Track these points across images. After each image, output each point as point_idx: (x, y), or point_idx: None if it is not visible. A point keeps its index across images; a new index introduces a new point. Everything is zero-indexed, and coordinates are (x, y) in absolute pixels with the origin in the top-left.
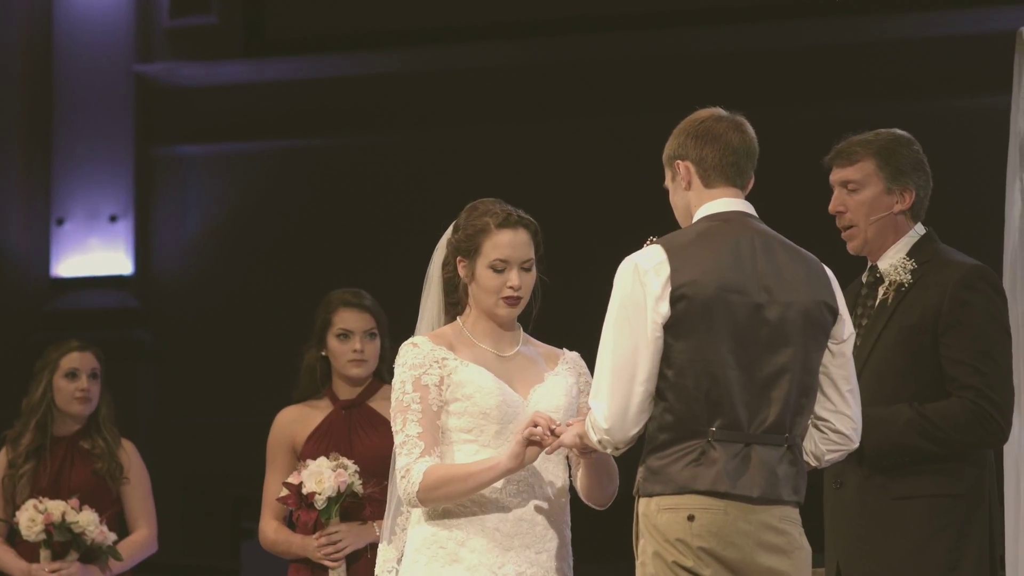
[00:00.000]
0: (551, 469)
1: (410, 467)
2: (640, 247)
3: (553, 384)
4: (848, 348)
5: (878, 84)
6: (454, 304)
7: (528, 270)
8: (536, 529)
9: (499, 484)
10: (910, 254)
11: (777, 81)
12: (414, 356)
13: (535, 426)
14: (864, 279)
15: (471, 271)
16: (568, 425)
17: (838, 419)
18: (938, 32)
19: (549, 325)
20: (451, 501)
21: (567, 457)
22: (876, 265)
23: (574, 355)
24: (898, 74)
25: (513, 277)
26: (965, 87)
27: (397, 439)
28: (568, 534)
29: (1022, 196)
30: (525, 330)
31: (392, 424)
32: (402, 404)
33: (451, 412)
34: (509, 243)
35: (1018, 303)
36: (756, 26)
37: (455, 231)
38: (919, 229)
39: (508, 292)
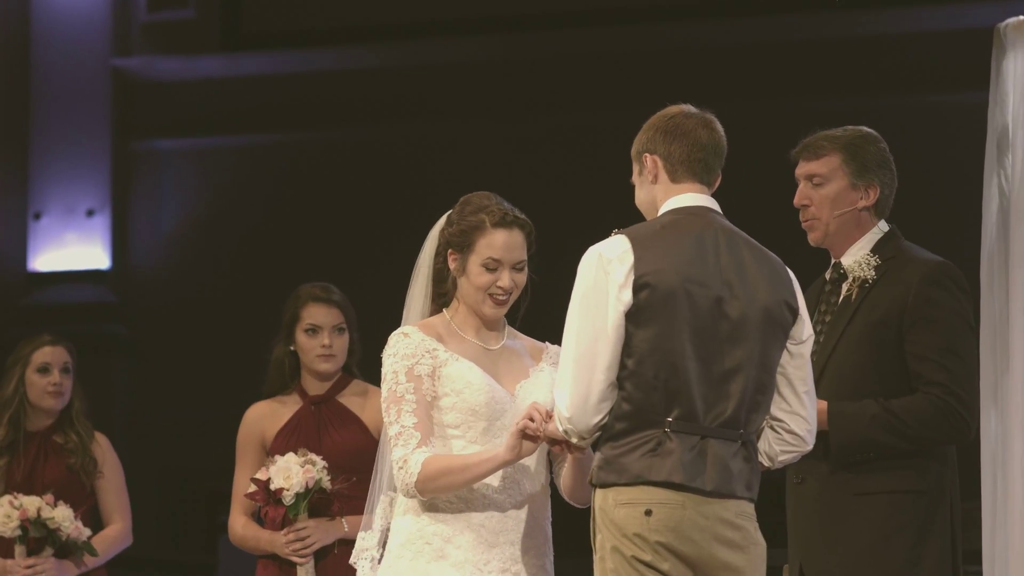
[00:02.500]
0: (535, 466)
1: (407, 457)
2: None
3: (537, 380)
4: (807, 349)
5: (857, 79)
6: (442, 295)
7: (520, 270)
8: (521, 526)
9: (487, 480)
10: (874, 250)
11: (756, 76)
12: (406, 346)
13: (531, 419)
14: (827, 276)
15: (462, 266)
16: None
17: (793, 420)
18: (917, 28)
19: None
20: (449, 492)
21: (548, 454)
22: (839, 262)
23: (557, 349)
24: (877, 69)
25: (504, 278)
26: (943, 82)
27: (392, 430)
28: (549, 531)
29: (999, 192)
30: (513, 325)
31: (385, 415)
32: (395, 395)
33: (441, 407)
34: (504, 244)
35: (995, 298)
36: (735, 21)
37: (448, 224)
38: (883, 226)
39: (497, 291)
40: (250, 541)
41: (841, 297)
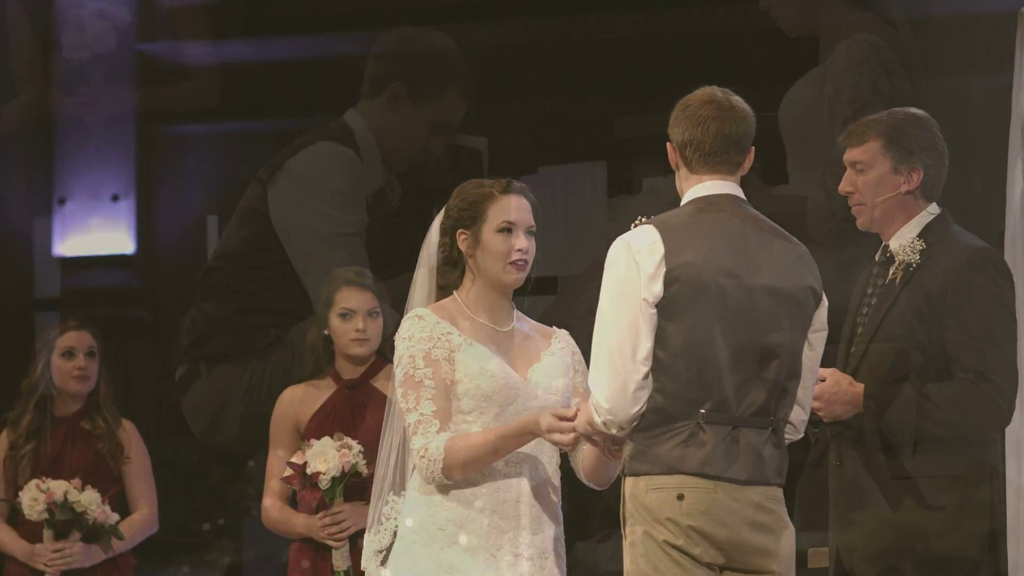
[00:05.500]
0: (545, 449)
1: (427, 446)
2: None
3: (550, 364)
4: (822, 338)
5: None
6: (443, 288)
7: (531, 235)
8: (533, 510)
9: (498, 465)
10: (921, 234)
11: (776, 60)
12: (422, 329)
13: (560, 431)
14: (876, 258)
15: (476, 239)
16: (577, 411)
17: (793, 411)
18: (939, 11)
19: None
20: (476, 470)
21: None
22: (888, 244)
23: (564, 333)
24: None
25: (520, 240)
26: (967, 67)
27: (411, 417)
28: (560, 513)
29: (1023, 176)
30: (525, 298)
31: (402, 401)
32: (413, 380)
33: (456, 393)
34: (516, 206)
35: (1019, 285)
36: (754, 5)
37: (448, 212)
38: (933, 209)
39: (516, 255)
40: (285, 524)
41: (887, 279)
